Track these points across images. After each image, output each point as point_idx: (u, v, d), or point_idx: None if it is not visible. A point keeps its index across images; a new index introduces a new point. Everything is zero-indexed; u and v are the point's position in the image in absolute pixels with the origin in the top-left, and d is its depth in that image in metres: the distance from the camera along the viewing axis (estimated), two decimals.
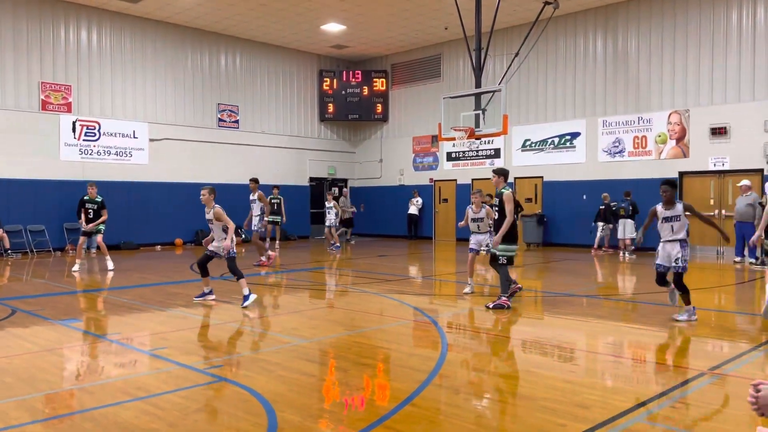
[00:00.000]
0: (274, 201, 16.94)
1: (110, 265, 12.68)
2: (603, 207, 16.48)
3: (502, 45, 19.01)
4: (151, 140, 18.58)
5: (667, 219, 7.35)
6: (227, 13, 18.11)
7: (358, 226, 24.36)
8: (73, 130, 17.07)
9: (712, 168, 15.87)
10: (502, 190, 8.32)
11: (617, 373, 5.32)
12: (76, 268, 12.42)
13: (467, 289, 9.56)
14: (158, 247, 18.44)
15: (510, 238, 8.26)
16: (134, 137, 18.26)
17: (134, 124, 18.27)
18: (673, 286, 7.50)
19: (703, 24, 15.92)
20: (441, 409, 4.30)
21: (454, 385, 4.92)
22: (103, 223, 12.63)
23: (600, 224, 16.55)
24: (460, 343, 6.44)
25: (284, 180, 21.37)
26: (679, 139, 16.34)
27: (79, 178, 16.86)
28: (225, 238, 8.51)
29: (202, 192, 8.70)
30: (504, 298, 8.21)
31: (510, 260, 8.31)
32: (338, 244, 17.57)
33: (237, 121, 20.79)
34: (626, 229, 15.79)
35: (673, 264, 7.30)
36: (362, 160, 24.39)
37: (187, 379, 5.00)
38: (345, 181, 24.53)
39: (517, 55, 16.43)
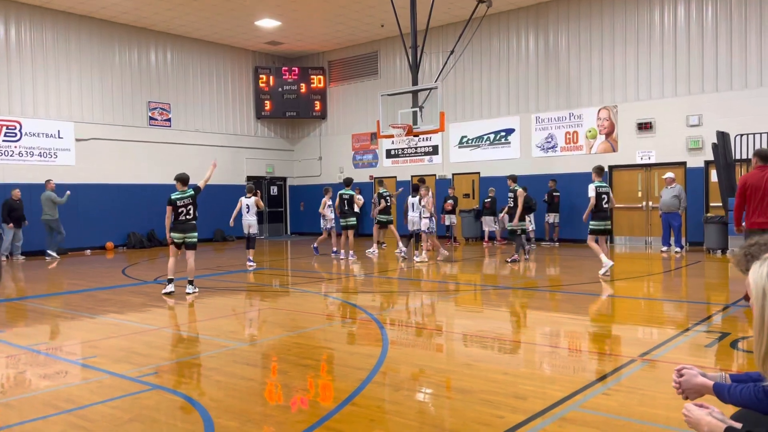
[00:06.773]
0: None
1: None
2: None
3: (438, 43, 19.19)
4: (78, 140, 17.79)
5: None
6: (156, 8, 17.52)
7: (298, 225, 24.13)
8: None
9: (639, 161, 16.53)
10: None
11: (553, 363, 5.45)
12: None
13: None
14: (88, 252, 17.70)
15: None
16: (59, 137, 17.42)
17: (59, 124, 17.44)
18: None
19: (629, 23, 16.55)
20: (382, 407, 4.29)
21: (395, 382, 4.91)
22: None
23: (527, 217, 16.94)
24: (401, 340, 6.45)
25: (220, 179, 20.85)
26: (608, 134, 16.94)
27: None
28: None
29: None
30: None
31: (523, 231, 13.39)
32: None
33: (169, 120, 20.17)
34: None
35: None
36: (301, 158, 24.14)
37: (118, 389, 4.79)
38: (284, 179, 24.21)
39: (452, 52, 16.59)
